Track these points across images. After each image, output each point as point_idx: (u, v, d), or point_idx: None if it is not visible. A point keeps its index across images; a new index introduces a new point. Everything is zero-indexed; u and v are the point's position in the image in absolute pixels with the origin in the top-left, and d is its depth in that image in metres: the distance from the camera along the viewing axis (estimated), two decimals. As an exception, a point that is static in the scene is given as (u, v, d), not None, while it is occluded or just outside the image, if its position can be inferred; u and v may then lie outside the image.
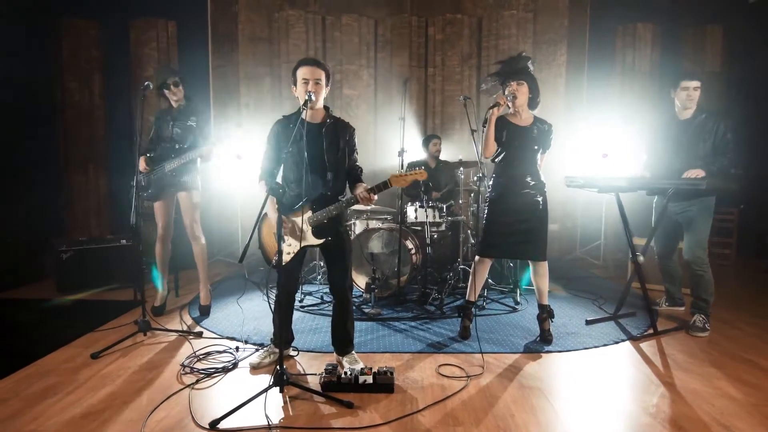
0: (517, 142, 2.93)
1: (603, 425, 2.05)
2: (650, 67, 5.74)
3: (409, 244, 3.98)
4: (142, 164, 3.32)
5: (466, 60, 5.67)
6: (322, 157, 2.42)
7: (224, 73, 5.68)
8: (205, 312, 3.57)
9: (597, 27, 5.71)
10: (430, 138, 4.93)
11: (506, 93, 2.91)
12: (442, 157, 4.99)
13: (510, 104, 2.91)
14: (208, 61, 5.68)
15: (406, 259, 3.92)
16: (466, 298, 3.12)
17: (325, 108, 2.52)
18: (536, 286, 3.04)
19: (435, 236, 4.20)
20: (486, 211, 3.05)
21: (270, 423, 2.02)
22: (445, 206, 4.14)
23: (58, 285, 4.13)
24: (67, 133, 5.65)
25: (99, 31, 5.68)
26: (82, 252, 4.18)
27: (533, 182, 2.95)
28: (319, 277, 4.42)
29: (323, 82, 2.42)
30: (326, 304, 3.78)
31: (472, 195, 4.28)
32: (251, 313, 3.60)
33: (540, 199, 2.96)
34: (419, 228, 4.22)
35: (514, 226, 2.93)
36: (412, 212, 4.12)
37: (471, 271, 3.09)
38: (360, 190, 2.43)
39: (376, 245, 4.03)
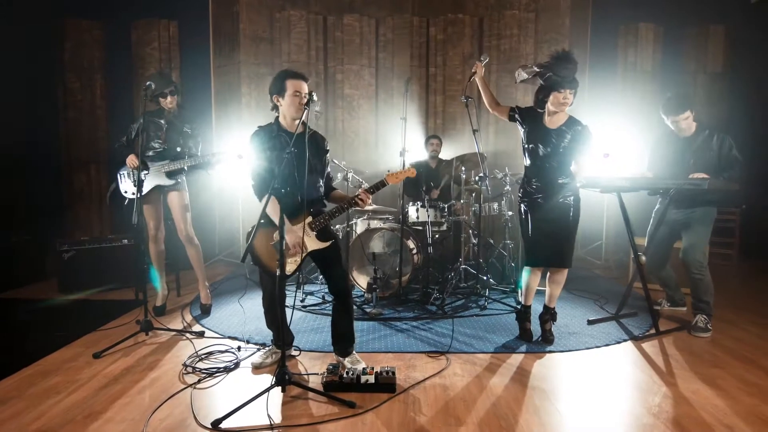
0: (548, 147, 2.89)
1: (606, 426, 2.05)
2: (652, 66, 5.74)
3: (411, 244, 3.98)
4: (133, 160, 3.30)
5: (468, 60, 5.65)
6: (313, 164, 2.47)
7: (226, 73, 5.68)
8: (206, 311, 3.59)
9: (599, 27, 5.70)
10: (428, 138, 4.97)
11: (554, 102, 2.82)
12: (444, 156, 4.99)
13: (555, 108, 2.85)
14: (210, 61, 5.68)
15: (408, 258, 3.92)
16: (522, 302, 3.13)
17: None
18: (550, 290, 3.03)
19: (436, 236, 4.20)
20: (522, 218, 3.03)
21: (272, 422, 2.02)
22: (446, 206, 4.13)
23: (60, 285, 4.13)
24: (69, 133, 5.67)
25: (101, 32, 5.71)
26: (84, 252, 4.18)
27: (563, 182, 2.90)
28: (320, 276, 4.42)
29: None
30: (328, 304, 3.78)
31: (473, 194, 4.26)
32: (252, 312, 3.60)
33: (571, 199, 2.90)
34: (420, 228, 4.22)
35: (548, 232, 2.90)
36: (413, 212, 4.12)
37: (522, 278, 3.10)
38: (359, 191, 2.49)
39: (377, 245, 4.04)
